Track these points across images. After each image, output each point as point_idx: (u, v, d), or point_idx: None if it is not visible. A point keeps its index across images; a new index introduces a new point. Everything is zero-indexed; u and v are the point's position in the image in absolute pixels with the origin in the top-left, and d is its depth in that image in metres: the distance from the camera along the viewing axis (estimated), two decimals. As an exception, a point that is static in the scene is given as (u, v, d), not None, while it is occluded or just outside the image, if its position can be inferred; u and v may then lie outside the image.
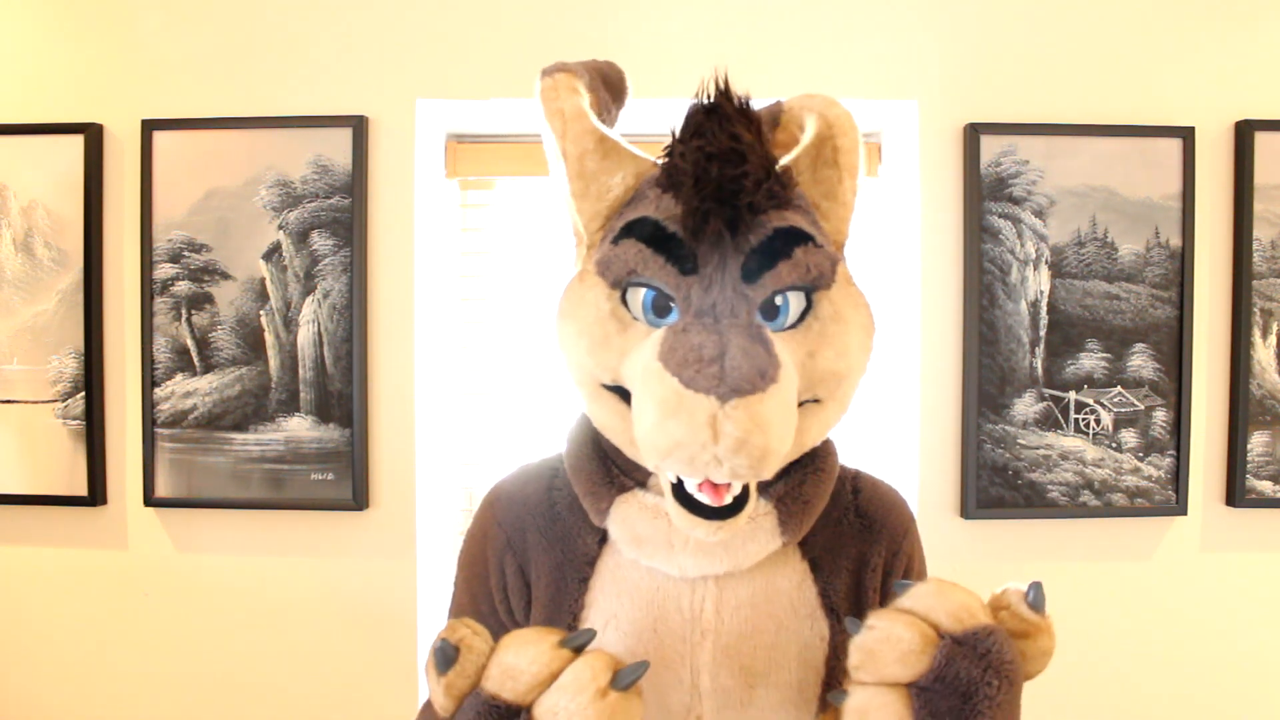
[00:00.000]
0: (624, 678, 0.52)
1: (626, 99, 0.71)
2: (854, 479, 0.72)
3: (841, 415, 0.61)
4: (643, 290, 0.57)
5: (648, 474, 0.64)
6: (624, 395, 0.58)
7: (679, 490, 0.55)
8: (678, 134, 0.56)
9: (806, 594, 0.65)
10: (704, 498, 0.54)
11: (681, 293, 0.55)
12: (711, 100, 0.55)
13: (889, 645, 0.52)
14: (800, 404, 0.56)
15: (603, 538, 0.65)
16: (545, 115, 0.62)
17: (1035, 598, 0.56)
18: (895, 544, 0.69)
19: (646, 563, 0.63)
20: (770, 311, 0.56)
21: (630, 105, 0.72)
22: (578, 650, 0.53)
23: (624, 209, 0.60)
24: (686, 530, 0.57)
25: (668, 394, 0.50)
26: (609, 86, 0.68)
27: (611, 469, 0.65)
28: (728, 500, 0.54)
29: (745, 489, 0.56)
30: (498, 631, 0.66)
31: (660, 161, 0.59)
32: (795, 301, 0.57)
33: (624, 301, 0.57)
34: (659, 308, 0.56)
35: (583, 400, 0.62)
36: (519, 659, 0.52)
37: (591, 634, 0.54)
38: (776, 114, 0.67)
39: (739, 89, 0.56)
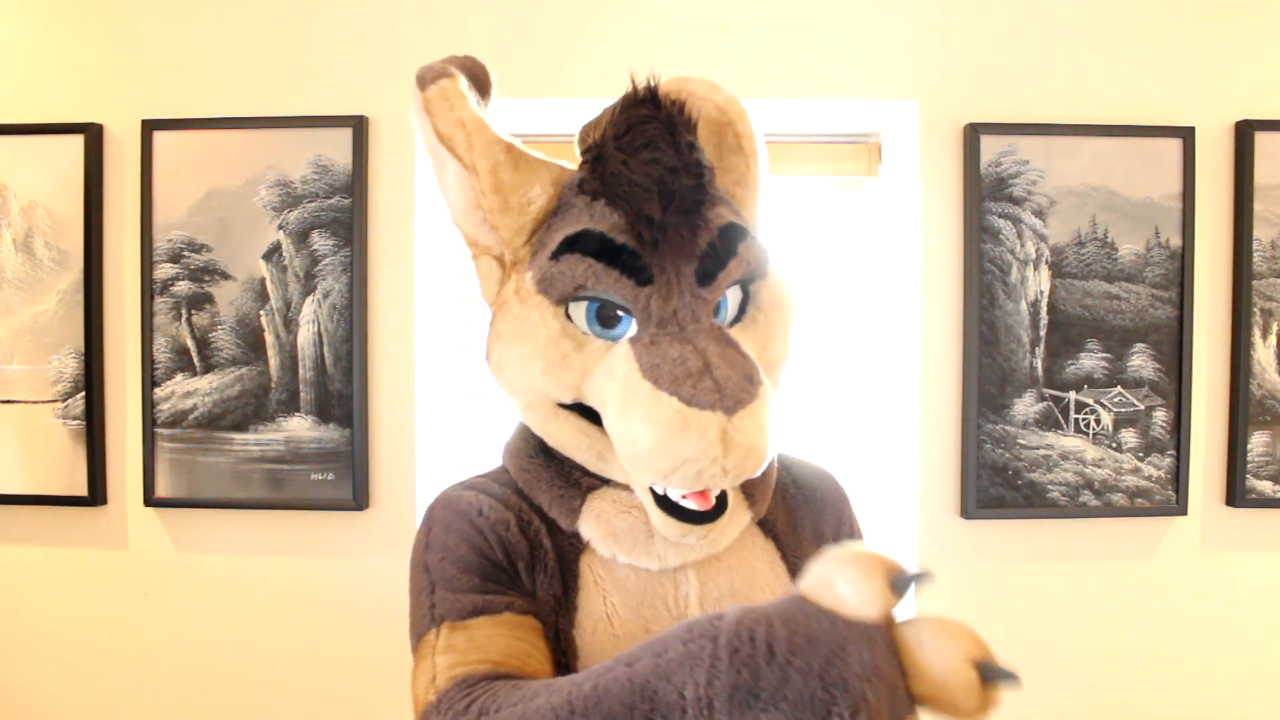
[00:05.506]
0: (902, 584, 0.45)
1: (492, 96, 0.66)
2: (779, 456, 0.73)
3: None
4: (585, 304, 0.55)
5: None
6: (583, 412, 0.57)
7: (664, 501, 0.55)
8: (609, 139, 0.53)
9: (778, 571, 0.66)
10: (692, 504, 0.54)
11: (640, 304, 0.54)
12: (647, 104, 0.53)
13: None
14: None
15: (578, 544, 0.63)
16: (440, 128, 0.57)
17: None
18: (839, 510, 0.73)
19: (625, 559, 0.61)
20: (714, 310, 0.56)
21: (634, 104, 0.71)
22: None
23: (550, 220, 0.58)
24: (676, 539, 0.57)
25: (669, 414, 0.49)
26: (478, 85, 0.63)
27: (572, 472, 0.63)
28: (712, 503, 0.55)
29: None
30: (520, 595, 0.59)
31: (580, 166, 0.57)
32: (733, 296, 0.58)
33: (567, 317, 0.56)
34: (603, 319, 0.56)
35: (535, 421, 0.60)
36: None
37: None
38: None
39: (666, 90, 0.54)
